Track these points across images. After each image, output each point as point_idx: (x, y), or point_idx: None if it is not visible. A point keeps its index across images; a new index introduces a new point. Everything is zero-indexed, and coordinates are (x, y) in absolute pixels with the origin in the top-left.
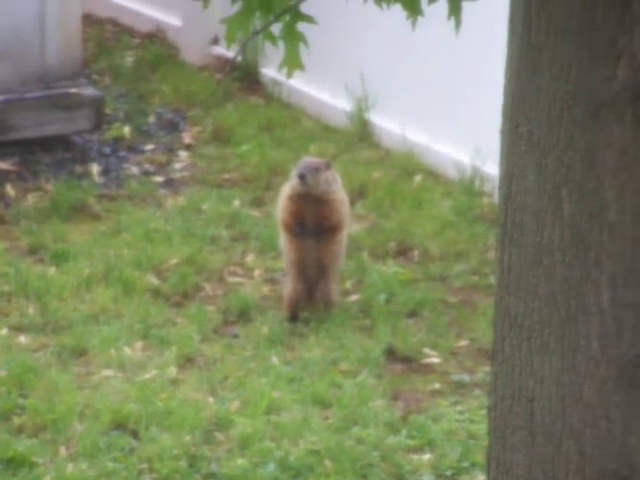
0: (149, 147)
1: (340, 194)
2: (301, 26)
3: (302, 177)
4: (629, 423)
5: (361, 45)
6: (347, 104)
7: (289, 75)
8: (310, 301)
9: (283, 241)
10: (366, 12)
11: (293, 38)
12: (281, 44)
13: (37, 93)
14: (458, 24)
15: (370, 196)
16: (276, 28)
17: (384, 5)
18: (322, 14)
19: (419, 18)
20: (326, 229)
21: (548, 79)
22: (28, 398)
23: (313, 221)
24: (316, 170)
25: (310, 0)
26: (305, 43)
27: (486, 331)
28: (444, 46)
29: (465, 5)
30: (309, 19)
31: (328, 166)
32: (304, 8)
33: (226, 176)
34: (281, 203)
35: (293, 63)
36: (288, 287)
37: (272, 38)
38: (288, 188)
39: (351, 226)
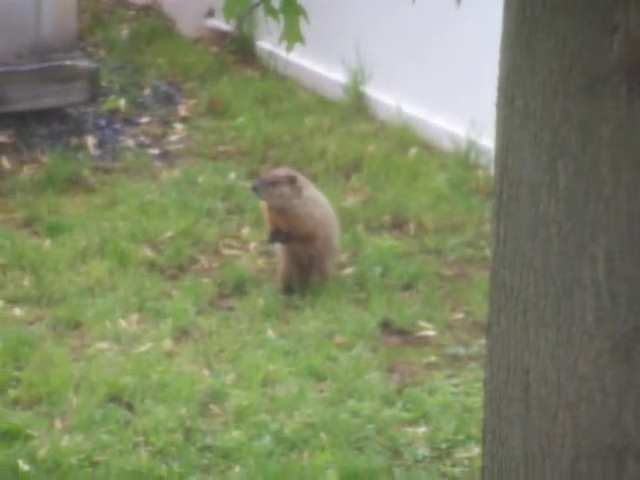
0: (144, 120)
1: (305, 208)
2: None
3: (254, 190)
4: (624, 396)
5: (357, 18)
6: (343, 77)
7: (289, 49)
8: (305, 274)
9: None
10: None
11: (292, 11)
12: (280, 17)
13: (32, 66)
14: None
15: (365, 169)
16: (275, 1)
17: None
18: None
19: None
20: (299, 239)
21: (544, 53)
22: (23, 370)
23: (286, 229)
24: (272, 184)
25: None
26: (305, 16)
27: (481, 304)
28: (440, 19)
29: None
30: None
31: (292, 181)
32: None
33: (222, 149)
34: None
35: (293, 36)
36: (282, 260)
37: (272, 11)
38: None
39: (333, 234)
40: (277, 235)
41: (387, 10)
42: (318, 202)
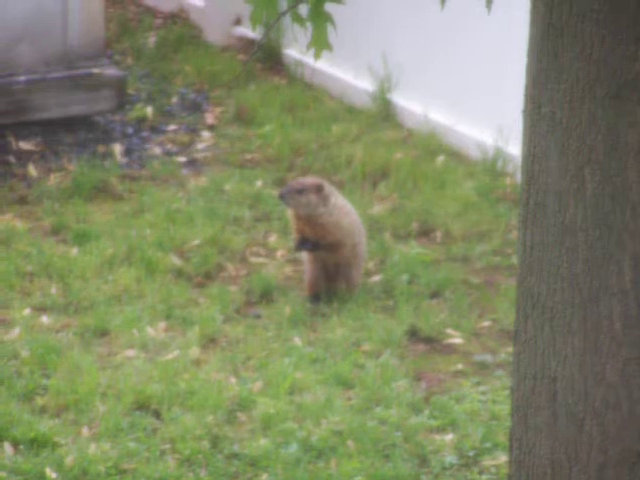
0: (172, 127)
1: (332, 216)
2: (327, 7)
3: (281, 197)
4: None
5: (384, 26)
6: (370, 84)
7: (317, 56)
8: (332, 281)
9: None
10: None
11: (320, 19)
12: (308, 25)
13: (60, 73)
14: (490, 2)
15: (392, 176)
16: (302, 9)
17: None
18: None
19: None
20: (326, 247)
21: (570, 60)
22: (51, 378)
23: (313, 237)
24: (299, 192)
25: None
26: (332, 24)
27: (508, 312)
28: (466, 27)
29: None
30: None
31: (319, 189)
32: None
33: (248, 156)
34: None
35: (321, 44)
36: (309, 268)
37: (300, 20)
38: None
39: (360, 242)
40: (304, 243)
41: (413, 18)
42: (345, 210)
